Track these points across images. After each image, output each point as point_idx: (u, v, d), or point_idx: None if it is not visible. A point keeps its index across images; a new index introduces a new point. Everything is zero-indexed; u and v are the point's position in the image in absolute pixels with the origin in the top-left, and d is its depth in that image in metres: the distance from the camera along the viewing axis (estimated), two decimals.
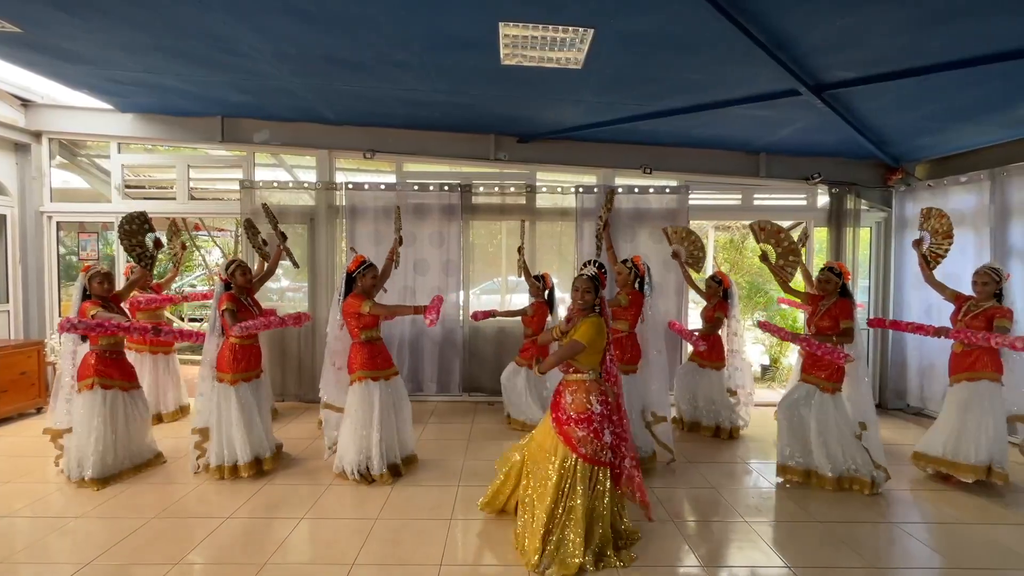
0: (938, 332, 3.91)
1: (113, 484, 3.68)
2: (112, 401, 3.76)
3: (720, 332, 5.15)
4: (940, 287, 4.14)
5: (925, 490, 3.84)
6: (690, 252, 5.01)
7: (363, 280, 3.82)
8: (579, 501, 2.70)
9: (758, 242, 4.36)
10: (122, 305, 4.07)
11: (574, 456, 2.74)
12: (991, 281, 3.86)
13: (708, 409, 5.07)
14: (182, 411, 5.33)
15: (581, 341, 2.76)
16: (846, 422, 3.79)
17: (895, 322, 4.42)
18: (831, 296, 3.94)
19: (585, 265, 2.98)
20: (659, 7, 3.06)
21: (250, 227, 4.65)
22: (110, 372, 3.81)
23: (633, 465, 2.95)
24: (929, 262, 4.21)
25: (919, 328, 4.04)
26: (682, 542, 3.05)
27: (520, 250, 5.43)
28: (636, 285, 4.20)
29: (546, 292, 5.19)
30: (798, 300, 4.43)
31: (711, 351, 5.04)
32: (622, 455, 2.91)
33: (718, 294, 5.08)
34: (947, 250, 4.22)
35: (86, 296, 3.80)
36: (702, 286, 5.26)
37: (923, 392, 5.75)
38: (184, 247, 5.58)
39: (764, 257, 4.32)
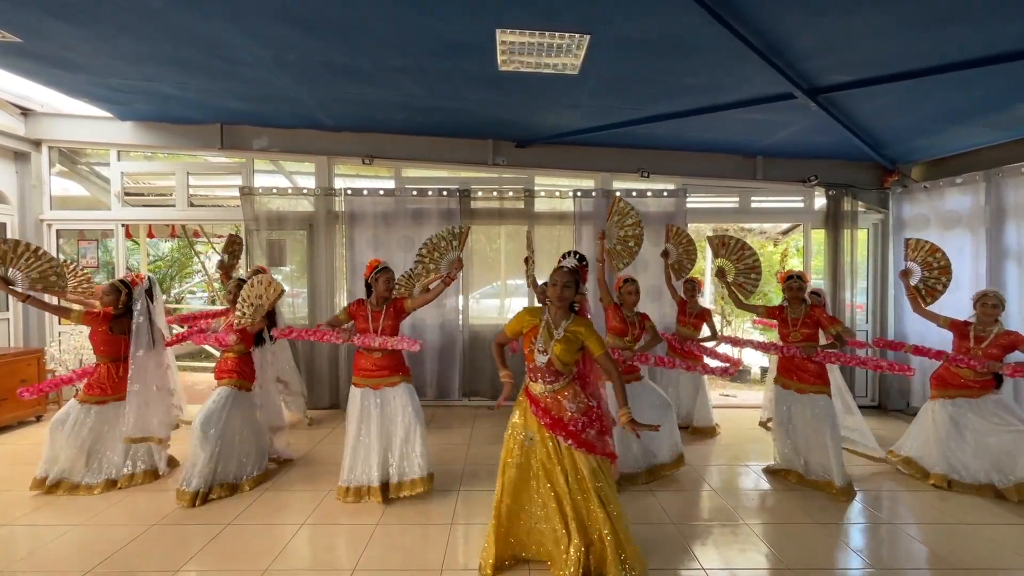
0: (940, 356, 3.96)
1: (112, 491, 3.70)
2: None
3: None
4: (932, 316, 4.08)
5: (925, 491, 3.84)
6: (679, 257, 4.98)
7: (375, 286, 3.62)
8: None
9: (715, 256, 4.38)
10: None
11: (597, 458, 2.61)
12: (1000, 304, 3.82)
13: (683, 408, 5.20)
14: None
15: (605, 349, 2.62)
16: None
17: (898, 343, 4.34)
18: (798, 303, 3.98)
19: (565, 256, 2.72)
20: (653, 12, 3.09)
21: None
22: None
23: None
24: (924, 297, 4.19)
25: (920, 351, 4.06)
26: (683, 544, 3.05)
27: (527, 261, 5.01)
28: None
29: None
30: (757, 313, 4.35)
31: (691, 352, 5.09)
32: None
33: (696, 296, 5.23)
34: (946, 285, 4.16)
35: None
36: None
37: (925, 392, 5.74)
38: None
39: (721, 273, 4.35)
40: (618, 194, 4.56)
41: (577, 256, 2.71)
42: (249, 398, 3.87)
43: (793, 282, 3.98)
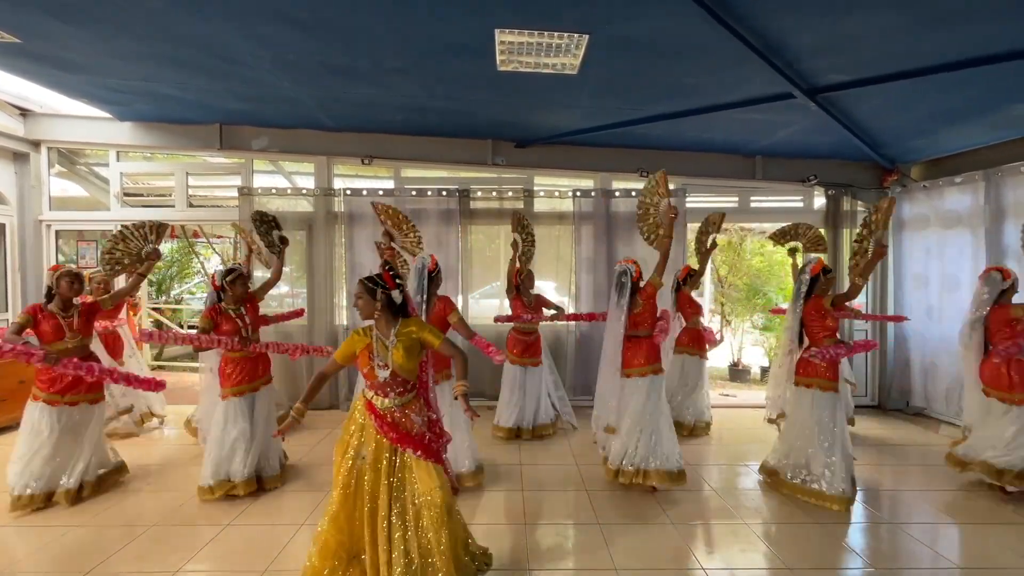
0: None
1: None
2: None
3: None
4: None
5: (926, 490, 3.84)
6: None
7: (437, 281, 3.64)
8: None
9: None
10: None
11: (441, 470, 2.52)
12: None
13: (688, 402, 5.12)
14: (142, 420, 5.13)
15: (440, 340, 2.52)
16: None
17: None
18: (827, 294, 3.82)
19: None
20: (652, 12, 3.09)
21: (262, 221, 4.39)
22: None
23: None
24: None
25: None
26: (683, 544, 3.05)
27: (516, 244, 5.05)
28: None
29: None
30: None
31: (699, 339, 5.13)
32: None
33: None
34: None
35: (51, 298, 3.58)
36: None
37: (927, 392, 5.75)
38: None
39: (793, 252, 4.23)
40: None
41: (382, 264, 2.65)
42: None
43: (831, 274, 3.80)
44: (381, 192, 5.93)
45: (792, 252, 5.12)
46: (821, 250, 5.09)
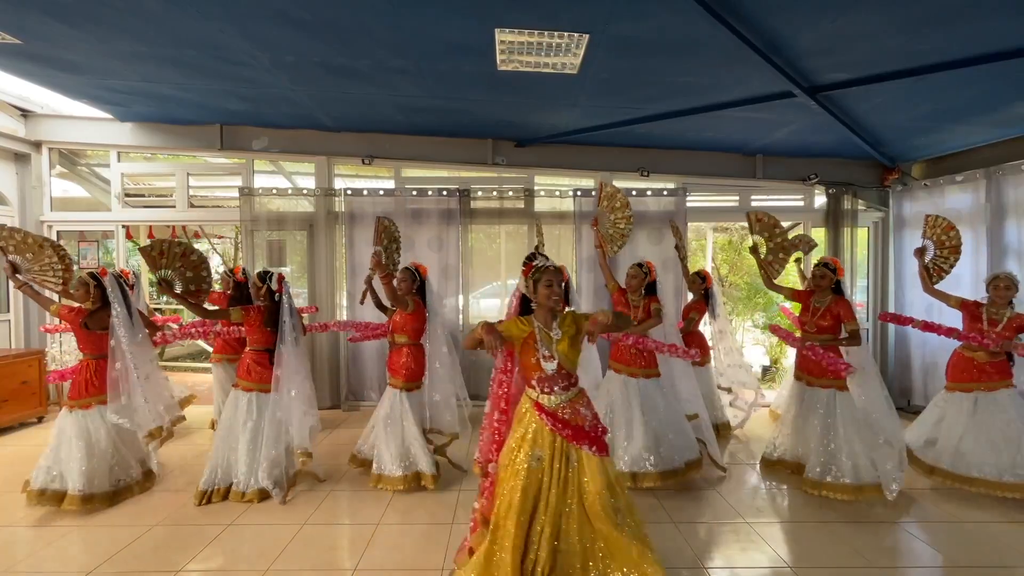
0: (951, 334, 3.83)
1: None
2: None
3: (700, 330, 5.08)
4: (943, 296, 4.00)
5: (926, 489, 3.84)
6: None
7: None
8: None
9: (752, 233, 4.26)
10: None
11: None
12: (1012, 287, 3.72)
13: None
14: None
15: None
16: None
17: (906, 318, 4.19)
18: (825, 293, 3.81)
19: (534, 257, 2.58)
20: (652, 12, 3.09)
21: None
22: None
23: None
24: (931, 274, 4.10)
25: (930, 327, 3.94)
26: (684, 543, 3.05)
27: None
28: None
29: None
30: (783, 296, 4.22)
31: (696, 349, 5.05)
32: None
33: (699, 292, 4.99)
34: (952, 266, 4.11)
35: None
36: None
37: (927, 390, 5.74)
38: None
39: (754, 249, 4.22)
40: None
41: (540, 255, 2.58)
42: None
43: (817, 269, 3.82)
44: (382, 192, 5.94)
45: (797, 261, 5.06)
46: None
